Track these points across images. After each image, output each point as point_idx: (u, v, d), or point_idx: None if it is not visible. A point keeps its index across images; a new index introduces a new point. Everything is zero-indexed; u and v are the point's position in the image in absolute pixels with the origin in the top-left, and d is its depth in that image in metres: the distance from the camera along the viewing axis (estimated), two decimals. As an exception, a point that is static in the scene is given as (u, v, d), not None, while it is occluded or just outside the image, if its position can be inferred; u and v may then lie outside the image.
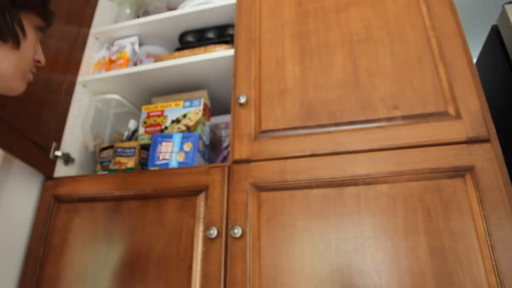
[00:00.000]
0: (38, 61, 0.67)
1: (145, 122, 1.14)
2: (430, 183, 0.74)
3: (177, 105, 1.13)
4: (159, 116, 1.13)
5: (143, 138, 1.12)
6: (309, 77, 0.91)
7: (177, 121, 1.10)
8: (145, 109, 1.16)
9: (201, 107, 1.09)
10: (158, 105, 1.15)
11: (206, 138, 1.10)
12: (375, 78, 0.86)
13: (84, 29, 1.25)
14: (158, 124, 1.12)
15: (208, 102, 1.16)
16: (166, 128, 1.10)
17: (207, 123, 1.13)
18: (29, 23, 0.62)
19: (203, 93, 1.16)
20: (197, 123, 1.08)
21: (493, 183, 0.70)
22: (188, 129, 1.08)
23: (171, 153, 1.01)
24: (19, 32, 0.59)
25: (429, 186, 0.74)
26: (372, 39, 0.91)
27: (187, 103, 1.12)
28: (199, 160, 1.01)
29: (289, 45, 0.97)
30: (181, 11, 1.18)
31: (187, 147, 1.00)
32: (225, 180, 0.87)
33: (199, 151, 1.01)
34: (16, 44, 0.59)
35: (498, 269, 0.65)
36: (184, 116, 1.10)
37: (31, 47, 0.63)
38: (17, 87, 0.63)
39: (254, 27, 1.02)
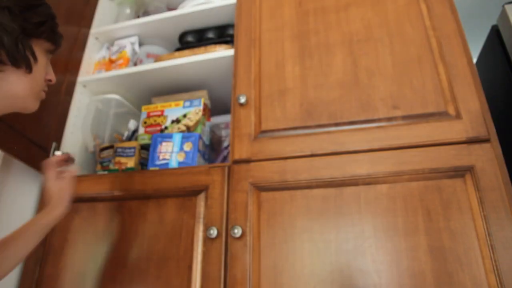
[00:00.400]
0: (50, 80, 0.73)
1: (145, 122, 1.14)
2: (430, 183, 0.74)
3: (177, 105, 1.12)
4: (159, 116, 1.13)
5: (143, 138, 1.12)
6: (309, 77, 0.91)
7: (177, 121, 1.10)
8: (145, 109, 1.16)
9: (201, 107, 1.09)
10: (158, 105, 1.15)
11: (206, 138, 1.10)
12: (375, 78, 0.86)
13: (84, 29, 1.25)
14: (158, 124, 1.12)
15: (208, 102, 1.16)
16: (166, 128, 1.10)
17: (207, 123, 1.13)
18: (40, 48, 0.67)
19: (203, 93, 1.16)
20: (197, 123, 1.08)
21: (493, 183, 0.70)
22: (188, 129, 1.08)
23: (171, 153, 1.01)
24: (31, 58, 0.65)
25: (429, 186, 0.74)
26: (372, 39, 0.91)
27: (187, 103, 1.12)
28: (199, 160, 1.01)
29: (289, 45, 0.97)
30: (181, 11, 1.18)
31: (187, 147, 1.00)
32: (225, 180, 0.87)
33: (199, 151, 1.01)
34: (29, 69, 0.65)
35: (498, 269, 0.65)
36: (184, 116, 1.10)
37: (42, 70, 0.69)
38: (31, 106, 0.70)
39: (254, 27, 1.02)
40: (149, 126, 1.13)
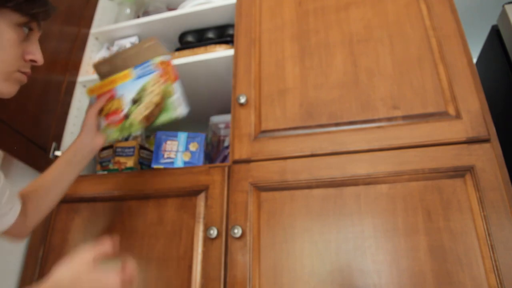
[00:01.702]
0: (34, 61, 0.62)
1: (101, 111, 0.83)
2: (430, 183, 0.74)
3: (125, 76, 0.83)
4: (111, 99, 0.83)
5: (110, 132, 0.83)
6: (309, 77, 0.91)
7: (139, 101, 0.82)
8: (91, 93, 0.85)
9: (160, 72, 0.82)
10: (102, 83, 0.84)
11: (184, 99, 0.86)
12: (375, 78, 0.86)
13: (84, 29, 1.25)
14: (116, 111, 0.83)
15: (164, 51, 0.85)
16: (129, 114, 0.82)
17: (175, 84, 0.85)
18: (5, 21, 0.56)
19: (152, 43, 0.84)
20: (164, 93, 0.83)
21: (493, 183, 0.70)
22: (158, 106, 0.82)
23: (176, 152, 1.00)
24: None
25: (429, 186, 0.74)
26: (372, 39, 0.91)
27: (139, 71, 0.83)
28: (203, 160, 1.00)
29: (289, 45, 0.97)
30: (181, 11, 1.18)
31: (193, 147, 0.99)
32: (225, 180, 0.87)
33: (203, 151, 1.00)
34: None
35: (498, 269, 0.65)
36: (144, 90, 0.82)
37: (11, 47, 0.57)
38: (5, 90, 0.59)
39: (254, 27, 1.02)
40: (109, 114, 0.83)
